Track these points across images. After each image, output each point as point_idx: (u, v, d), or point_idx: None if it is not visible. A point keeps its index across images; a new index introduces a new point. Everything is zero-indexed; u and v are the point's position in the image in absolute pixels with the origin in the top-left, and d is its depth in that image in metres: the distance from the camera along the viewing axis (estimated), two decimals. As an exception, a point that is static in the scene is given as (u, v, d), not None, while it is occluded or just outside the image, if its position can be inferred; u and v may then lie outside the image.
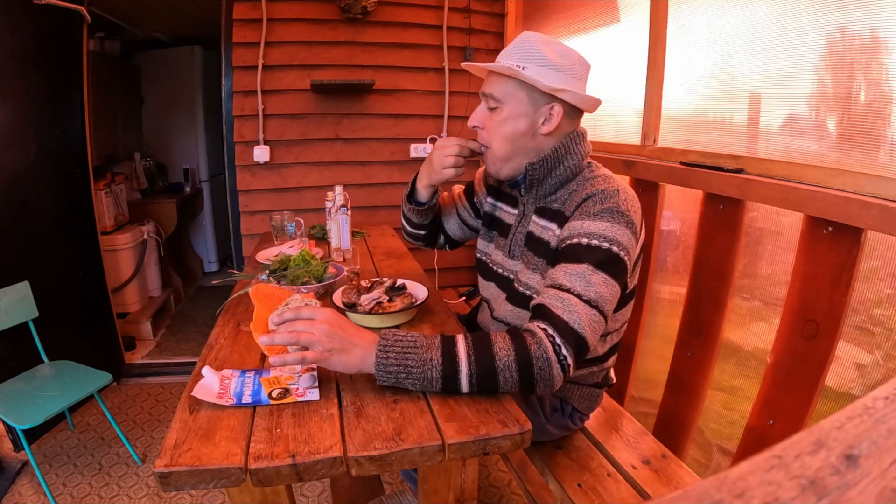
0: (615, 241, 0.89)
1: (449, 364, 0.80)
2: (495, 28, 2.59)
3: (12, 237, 1.94)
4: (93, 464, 1.90)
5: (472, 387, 0.81)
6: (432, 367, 0.79)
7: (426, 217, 1.30)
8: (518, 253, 1.10)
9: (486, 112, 1.03)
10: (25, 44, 1.94)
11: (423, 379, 0.80)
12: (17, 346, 1.85)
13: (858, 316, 1.05)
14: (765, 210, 1.26)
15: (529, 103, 0.98)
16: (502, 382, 0.80)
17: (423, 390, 0.83)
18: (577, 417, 1.21)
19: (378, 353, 0.80)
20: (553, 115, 0.98)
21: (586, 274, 0.86)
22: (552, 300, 0.85)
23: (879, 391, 0.29)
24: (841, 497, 0.22)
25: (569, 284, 0.85)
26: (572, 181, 1.03)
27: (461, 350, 0.81)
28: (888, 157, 0.99)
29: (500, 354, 0.80)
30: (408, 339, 0.81)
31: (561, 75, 0.96)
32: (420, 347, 0.80)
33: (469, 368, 0.80)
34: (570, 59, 0.98)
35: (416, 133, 2.55)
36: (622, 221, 0.90)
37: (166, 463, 0.68)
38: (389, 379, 0.80)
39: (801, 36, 1.13)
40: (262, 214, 2.43)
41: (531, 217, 1.08)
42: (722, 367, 1.37)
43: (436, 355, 0.80)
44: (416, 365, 0.79)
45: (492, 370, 0.79)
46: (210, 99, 3.76)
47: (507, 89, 0.99)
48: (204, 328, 3.08)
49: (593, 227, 0.90)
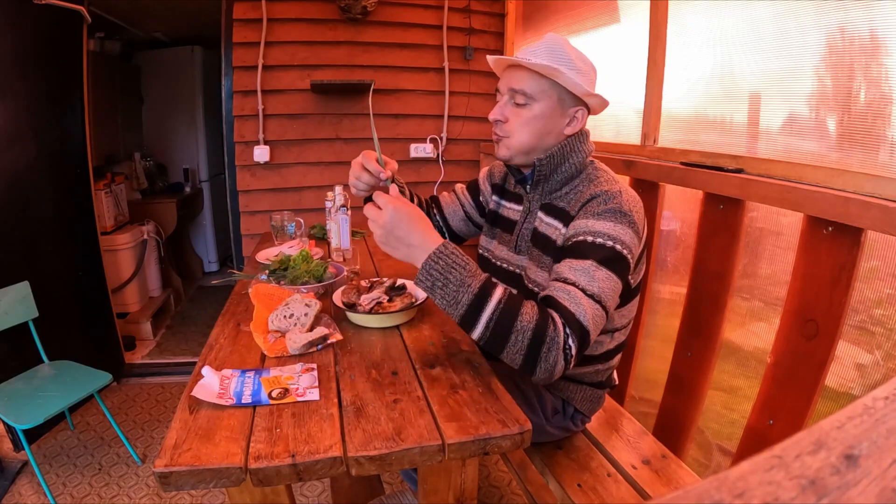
0: (618, 240, 0.92)
1: (480, 298, 0.83)
2: (495, 28, 2.59)
3: (12, 237, 1.94)
4: (93, 464, 1.90)
5: (486, 330, 0.83)
6: (466, 292, 0.83)
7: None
8: (524, 248, 1.12)
9: (509, 107, 1.05)
10: (25, 44, 1.94)
11: (453, 298, 0.84)
12: (17, 346, 1.85)
13: (858, 316, 1.05)
14: (765, 210, 1.26)
15: (559, 104, 1.02)
16: (511, 342, 0.82)
17: (445, 308, 0.85)
18: (579, 419, 1.21)
19: (430, 255, 0.84)
20: (578, 118, 1.03)
21: (590, 269, 0.89)
22: (559, 292, 0.88)
23: (879, 391, 0.29)
24: (841, 497, 0.22)
25: (574, 278, 0.88)
26: (576, 178, 1.06)
27: (496, 294, 0.84)
28: (888, 157, 0.99)
29: (523, 317, 0.82)
30: (461, 258, 0.86)
31: (585, 80, 1.00)
32: (467, 271, 0.84)
33: (493, 312, 0.83)
34: (589, 65, 1.02)
35: (416, 133, 2.55)
36: (625, 221, 0.93)
37: (166, 463, 0.68)
38: (427, 281, 0.85)
39: (801, 36, 1.13)
40: (262, 214, 2.43)
41: (537, 213, 1.10)
42: (722, 367, 1.37)
43: (475, 284, 0.84)
44: (454, 281, 0.83)
45: (509, 326, 0.82)
46: (210, 99, 3.76)
47: (541, 87, 1.01)
48: (204, 328, 3.08)
49: (598, 227, 0.93)
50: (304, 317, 1.06)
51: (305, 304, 1.08)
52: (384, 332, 1.10)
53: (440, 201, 1.39)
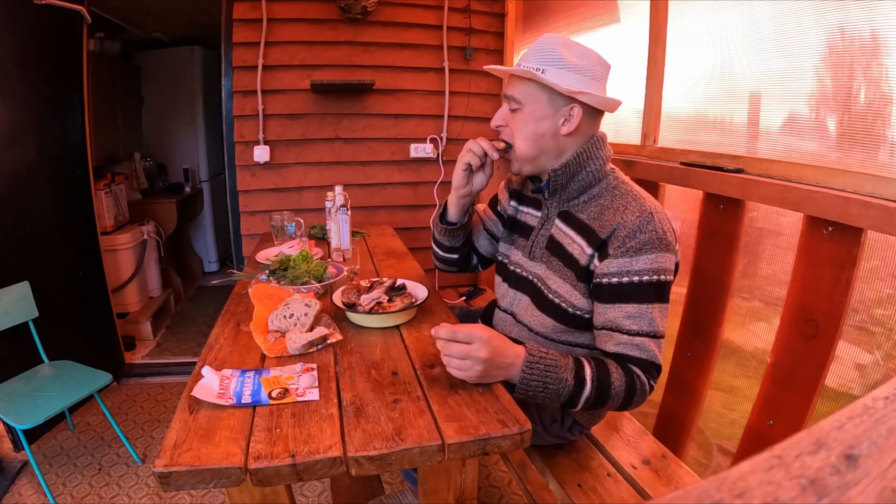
0: (661, 270, 0.94)
1: (577, 387, 0.88)
2: (495, 28, 2.59)
3: (12, 237, 1.94)
4: (93, 464, 1.90)
5: (585, 405, 0.90)
6: (565, 388, 0.87)
7: (456, 238, 1.29)
8: (539, 255, 1.10)
9: (508, 112, 1.06)
10: (25, 44, 1.94)
11: (554, 395, 0.88)
12: (17, 346, 1.85)
13: (858, 316, 1.05)
14: (765, 210, 1.26)
15: (549, 105, 1.00)
16: (608, 405, 0.91)
17: (546, 402, 0.90)
18: (577, 430, 1.19)
19: (523, 369, 0.86)
20: (573, 117, 1.00)
21: (647, 313, 0.93)
22: (629, 349, 0.93)
23: (879, 391, 0.29)
24: (841, 497, 0.22)
25: (636, 328, 0.93)
26: (595, 187, 1.04)
27: (588, 374, 0.89)
28: (888, 157, 0.99)
29: (615, 384, 0.89)
30: (547, 356, 0.88)
31: (581, 77, 0.98)
32: (558, 366, 0.88)
33: (590, 392, 0.88)
34: (590, 61, 1.00)
35: (416, 133, 2.55)
36: (663, 248, 0.94)
37: (166, 463, 0.68)
38: (527, 392, 0.87)
39: (802, 36, 1.13)
40: (262, 214, 2.43)
41: (555, 220, 1.08)
42: (722, 367, 1.37)
43: (569, 377, 0.88)
44: (552, 382, 0.87)
45: (606, 396, 0.89)
46: (210, 99, 3.75)
47: (528, 91, 1.01)
48: (204, 328, 3.08)
49: (640, 264, 0.93)
50: (304, 317, 1.06)
51: (305, 304, 1.08)
52: (384, 332, 1.10)
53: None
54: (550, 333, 1.07)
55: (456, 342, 0.84)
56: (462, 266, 1.37)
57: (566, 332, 1.06)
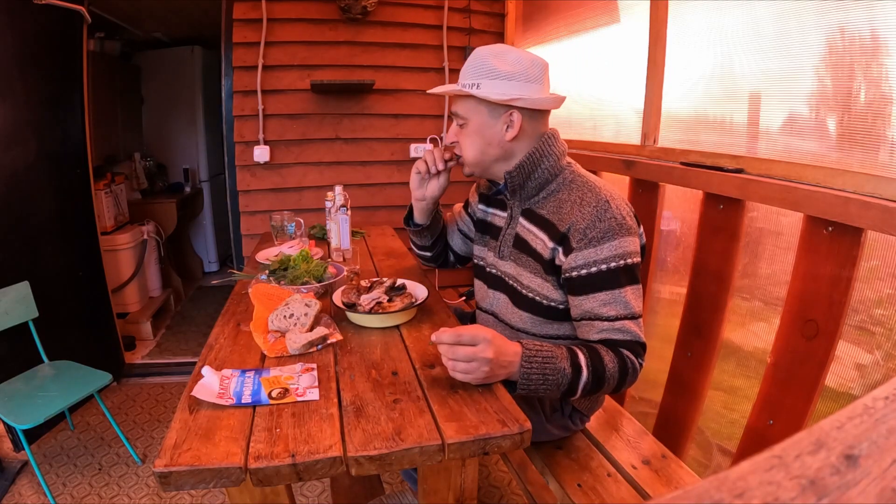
0: (626, 254, 0.96)
1: (574, 375, 0.90)
2: (495, 28, 2.59)
3: (12, 237, 1.94)
4: (93, 464, 1.90)
5: (584, 391, 0.92)
6: (564, 376, 0.89)
7: (425, 238, 1.39)
8: (507, 253, 1.14)
9: (457, 128, 1.12)
10: (25, 44, 1.94)
11: (555, 386, 0.89)
12: (17, 346, 1.85)
13: (858, 316, 1.05)
14: (765, 210, 1.26)
15: (490, 115, 1.05)
16: (604, 388, 0.94)
17: (547, 393, 0.91)
18: (578, 418, 1.21)
19: (522, 364, 0.87)
20: (514, 122, 1.04)
21: (620, 297, 0.96)
22: (613, 333, 0.96)
23: (879, 391, 0.29)
24: (841, 497, 0.22)
25: (614, 313, 0.96)
26: (552, 182, 1.08)
27: (582, 361, 0.91)
28: (888, 157, 0.99)
29: (608, 367, 0.92)
30: (543, 349, 0.90)
31: (514, 83, 1.01)
32: (553, 356, 0.90)
33: (587, 379, 0.91)
34: (522, 65, 1.02)
35: (416, 133, 2.55)
36: (624, 232, 0.97)
37: (166, 463, 0.68)
38: (529, 387, 0.88)
39: (802, 36, 1.13)
40: (262, 214, 2.43)
41: (519, 219, 1.13)
42: (722, 367, 1.37)
43: (566, 366, 0.90)
44: (551, 373, 0.88)
45: (601, 380, 0.92)
46: (210, 99, 3.75)
47: (469, 106, 1.07)
48: (204, 328, 3.08)
49: (605, 252, 0.96)
50: (304, 317, 1.06)
51: (305, 304, 1.08)
52: (384, 332, 1.10)
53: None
54: (531, 328, 1.10)
55: (461, 345, 0.83)
56: (440, 263, 1.47)
57: (545, 325, 1.08)
